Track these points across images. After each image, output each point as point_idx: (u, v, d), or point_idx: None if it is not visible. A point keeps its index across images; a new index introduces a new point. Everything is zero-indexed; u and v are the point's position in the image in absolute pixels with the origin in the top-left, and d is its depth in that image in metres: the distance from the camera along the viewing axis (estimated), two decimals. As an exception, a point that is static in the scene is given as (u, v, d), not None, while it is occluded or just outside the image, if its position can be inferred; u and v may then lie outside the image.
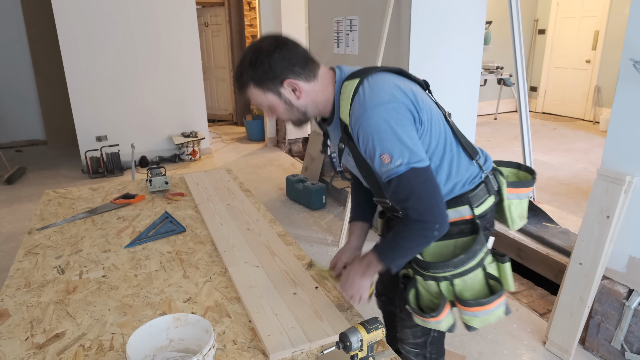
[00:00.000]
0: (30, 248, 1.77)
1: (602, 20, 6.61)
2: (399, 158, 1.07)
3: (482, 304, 1.18)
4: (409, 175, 1.08)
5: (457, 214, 1.24)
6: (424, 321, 1.26)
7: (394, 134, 1.08)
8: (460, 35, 3.02)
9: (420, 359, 1.47)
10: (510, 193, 1.31)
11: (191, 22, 5.31)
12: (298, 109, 1.20)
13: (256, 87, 1.16)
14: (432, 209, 1.11)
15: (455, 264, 1.19)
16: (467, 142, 1.28)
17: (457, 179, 1.24)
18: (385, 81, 1.15)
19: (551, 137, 6.16)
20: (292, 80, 1.15)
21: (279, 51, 1.13)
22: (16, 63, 6.03)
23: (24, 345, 1.22)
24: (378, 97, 1.11)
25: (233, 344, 1.21)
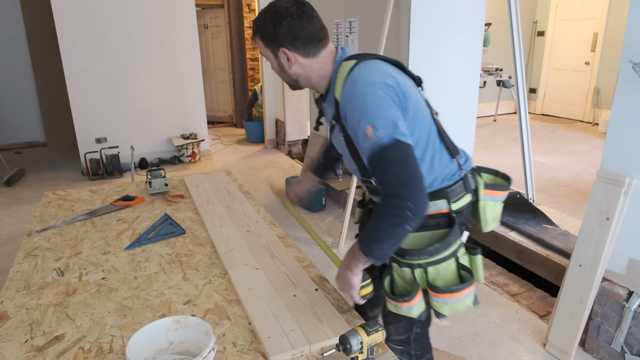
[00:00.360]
0: (29, 250, 1.77)
1: (601, 22, 6.62)
2: (383, 129, 1.09)
3: (452, 291, 1.23)
4: (391, 146, 1.09)
5: (436, 207, 1.29)
6: (397, 306, 1.28)
7: (380, 107, 1.12)
8: (459, 36, 3.02)
9: (405, 356, 1.50)
10: (486, 194, 1.35)
11: (191, 24, 5.32)
12: (289, 75, 1.28)
13: (260, 39, 1.25)
14: (408, 186, 1.09)
15: (430, 252, 1.23)
16: (449, 141, 1.32)
17: (437, 174, 1.28)
18: (380, 67, 1.21)
19: (550, 138, 6.16)
20: (287, 51, 1.22)
21: (290, 20, 1.19)
22: (16, 64, 6.03)
23: (24, 347, 1.21)
24: (369, 77, 1.16)
25: (233, 346, 1.21)
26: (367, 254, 1.16)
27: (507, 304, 2.58)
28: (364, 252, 1.17)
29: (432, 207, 1.27)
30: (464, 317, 2.45)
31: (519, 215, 3.18)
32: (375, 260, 1.17)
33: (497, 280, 2.83)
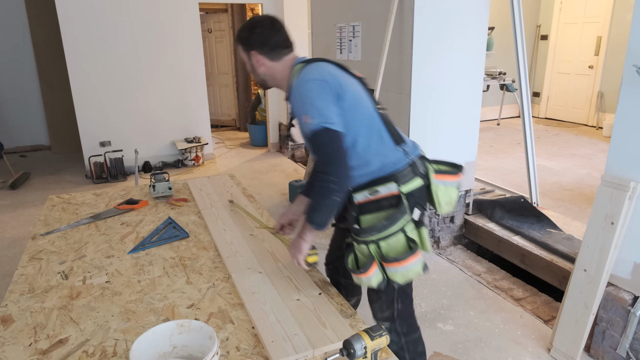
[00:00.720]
0: (34, 253, 1.77)
1: (605, 26, 6.62)
2: (315, 118, 1.34)
3: (399, 260, 1.40)
4: (321, 133, 1.34)
5: (387, 189, 1.46)
6: (358, 278, 1.45)
7: (315, 100, 1.37)
8: (462, 40, 3.02)
9: (393, 335, 1.61)
10: (437, 179, 1.54)
11: (194, 29, 5.34)
12: (258, 75, 1.58)
13: (239, 44, 1.57)
14: (332, 164, 1.35)
15: (379, 229, 1.41)
16: (394, 131, 1.53)
17: (384, 158, 1.48)
18: (321, 67, 1.46)
19: (554, 142, 6.15)
20: (256, 53, 1.53)
21: (261, 29, 1.51)
22: (21, 69, 6.07)
23: (28, 350, 1.22)
24: (309, 75, 1.42)
25: (236, 350, 1.21)
26: (310, 221, 1.41)
27: (511, 308, 2.57)
28: (307, 220, 1.42)
29: (384, 189, 1.46)
30: (468, 322, 2.44)
31: (523, 219, 3.17)
32: (316, 226, 1.41)
33: (501, 285, 2.82)
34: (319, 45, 4.12)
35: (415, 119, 2.99)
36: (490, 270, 3.00)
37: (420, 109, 3.00)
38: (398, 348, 1.62)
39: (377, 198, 1.47)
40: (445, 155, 3.18)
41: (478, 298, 2.68)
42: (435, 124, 3.08)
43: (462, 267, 3.05)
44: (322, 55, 4.07)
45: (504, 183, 4.15)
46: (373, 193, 1.47)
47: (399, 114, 3.07)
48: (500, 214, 3.24)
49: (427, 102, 3.01)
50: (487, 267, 3.06)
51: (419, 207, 1.49)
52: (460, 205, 3.36)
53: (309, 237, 1.45)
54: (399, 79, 3.03)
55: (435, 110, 3.06)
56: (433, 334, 2.35)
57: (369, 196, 1.47)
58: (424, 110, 3.01)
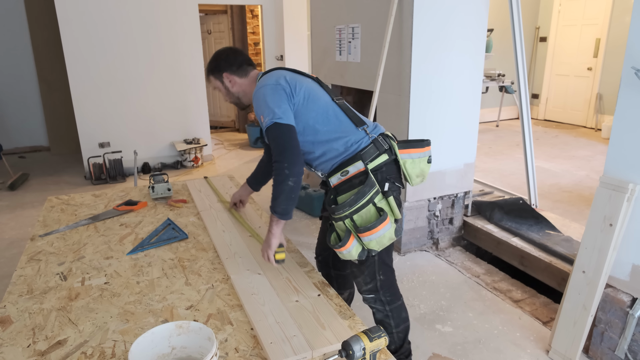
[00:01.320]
0: (32, 254, 1.77)
1: (604, 28, 6.63)
2: (267, 116, 1.55)
3: (370, 229, 1.49)
4: (272, 127, 1.54)
5: (355, 168, 1.60)
6: (340, 253, 1.55)
7: (267, 101, 1.57)
8: (462, 42, 3.03)
9: (378, 304, 1.76)
10: (402, 154, 1.65)
11: (194, 30, 5.35)
12: (233, 94, 1.81)
13: (210, 74, 1.81)
14: (284, 153, 1.52)
15: (350, 204, 1.51)
16: (353, 115, 1.69)
17: (347, 139, 1.62)
18: (275, 74, 1.68)
19: (553, 144, 6.16)
20: (227, 74, 1.77)
21: (226, 55, 1.79)
22: (20, 69, 6.07)
23: (26, 352, 1.21)
24: (264, 81, 1.65)
25: (235, 351, 1.21)
26: (273, 211, 1.56)
27: (510, 310, 2.57)
28: (271, 211, 1.57)
29: (352, 169, 1.60)
30: (467, 324, 2.44)
31: (522, 221, 3.17)
32: (279, 215, 1.55)
33: (500, 286, 2.82)
34: (318, 47, 4.13)
35: (414, 120, 2.99)
36: (489, 272, 3.01)
37: (420, 111, 3.00)
38: (383, 316, 1.78)
39: (348, 177, 1.61)
40: (445, 156, 3.20)
41: (477, 299, 2.68)
42: (434, 126, 3.08)
43: (461, 269, 3.05)
44: (321, 57, 4.08)
45: (502, 185, 4.15)
46: (344, 174, 1.61)
47: (398, 116, 3.07)
48: (499, 215, 3.24)
49: (426, 103, 3.02)
50: (486, 268, 3.06)
51: (390, 181, 1.60)
52: (459, 206, 3.36)
53: (276, 230, 1.57)
54: (398, 80, 3.04)
55: (435, 112, 3.07)
56: (432, 335, 2.35)
57: (341, 177, 1.62)
58: (423, 111, 3.01)
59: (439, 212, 3.30)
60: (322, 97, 1.69)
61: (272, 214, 1.57)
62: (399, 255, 3.22)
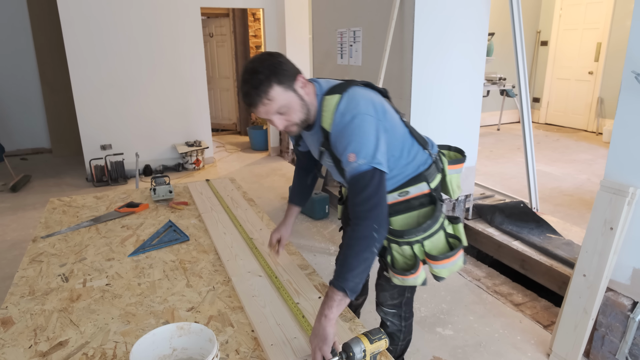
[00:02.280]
0: (34, 256, 1.78)
1: (605, 32, 6.64)
2: (363, 158, 1.24)
3: (448, 257, 1.45)
4: (368, 173, 1.24)
5: (418, 189, 1.49)
6: (403, 279, 1.48)
7: (363, 137, 1.26)
8: (463, 45, 3.04)
9: (396, 319, 1.72)
10: (450, 169, 1.60)
11: (196, 33, 5.37)
12: (307, 104, 1.33)
13: (279, 85, 1.25)
14: (377, 209, 1.23)
15: (424, 229, 1.44)
16: (419, 136, 1.53)
17: (415, 163, 1.49)
18: (361, 96, 1.35)
19: (554, 148, 6.16)
20: (301, 76, 1.32)
21: (284, 57, 1.31)
22: (23, 72, 6.10)
23: (28, 353, 1.22)
24: (355, 109, 1.30)
25: (236, 353, 1.21)
26: (343, 285, 1.17)
27: (511, 313, 2.57)
28: (339, 286, 1.17)
29: (415, 190, 1.49)
30: (468, 327, 2.44)
31: (523, 224, 3.17)
32: (350, 292, 1.17)
33: (501, 290, 2.82)
34: (320, 50, 4.14)
35: (415, 123, 3.00)
36: (489, 275, 3.00)
37: (421, 114, 3.01)
38: (396, 330, 1.74)
39: (407, 198, 1.49)
40: (445, 160, 3.20)
41: (477, 303, 2.68)
42: (435, 129, 3.09)
43: (461, 272, 3.05)
44: (322, 60, 4.09)
45: (503, 188, 4.15)
46: (403, 194, 1.48)
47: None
48: (500, 219, 3.24)
49: (428, 107, 3.02)
50: (486, 272, 3.06)
51: (441, 201, 1.54)
52: (460, 210, 3.36)
53: (334, 313, 1.15)
54: (400, 83, 3.04)
55: (436, 115, 3.07)
56: (432, 338, 2.35)
57: (398, 197, 1.49)
58: (424, 115, 3.02)
59: (439, 216, 3.30)
60: (398, 123, 1.44)
61: (335, 289, 1.17)
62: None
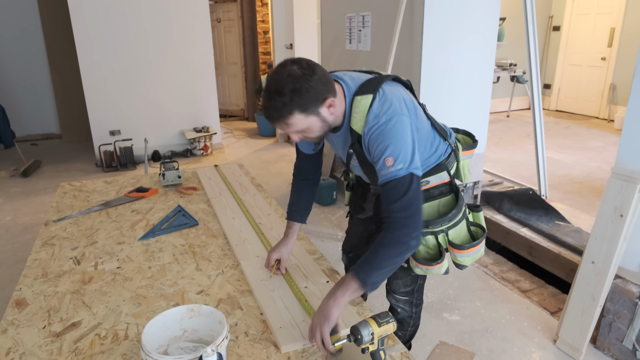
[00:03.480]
0: (46, 239, 1.81)
1: (619, 17, 6.51)
2: (401, 162, 1.19)
3: (473, 246, 1.46)
4: (406, 178, 1.19)
5: (438, 178, 1.49)
6: (428, 269, 1.46)
7: (400, 141, 1.20)
8: (473, 31, 3.00)
9: (407, 305, 1.72)
10: (463, 155, 1.61)
11: (204, 18, 5.34)
12: (329, 124, 1.27)
13: (300, 112, 1.17)
14: (416, 216, 1.21)
15: (450, 218, 1.45)
16: (440, 128, 1.50)
17: (437, 154, 1.49)
18: (393, 94, 1.27)
19: (565, 135, 6.09)
20: (331, 99, 1.22)
21: (315, 74, 1.17)
22: (32, 58, 6.12)
23: (42, 333, 1.25)
24: (388, 111, 1.23)
25: (245, 335, 1.23)
26: (365, 279, 1.16)
27: (518, 300, 2.57)
28: (361, 277, 1.16)
29: (435, 179, 1.48)
30: (474, 312, 2.45)
31: (532, 211, 3.16)
32: (370, 287, 1.17)
33: (508, 277, 2.82)
34: (328, 35, 4.10)
35: (424, 109, 2.98)
36: (497, 262, 3.00)
37: (430, 100, 2.98)
38: (406, 316, 1.74)
39: (427, 188, 1.48)
40: (454, 146, 3.18)
41: (485, 289, 2.68)
42: (444, 115, 3.04)
43: (469, 259, 3.05)
44: (331, 45, 4.05)
45: (512, 175, 4.12)
46: (423, 184, 1.46)
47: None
48: (509, 205, 3.23)
49: (437, 93, 3.00)
50: (494, 258, 3.06)
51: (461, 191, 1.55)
52: (468, 196, 3.35)
53: (346, 299, 1.16)
54: (409, 69, 3.02)
55: (445, 101, 3.05)
56: (439, 323, 2.36)
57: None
58: (433, 101, 2.99)
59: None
60: (423, 117, 1.40)
61: (355, 278, 1.17)
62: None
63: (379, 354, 1.08)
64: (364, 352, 1.07)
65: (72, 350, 1.18)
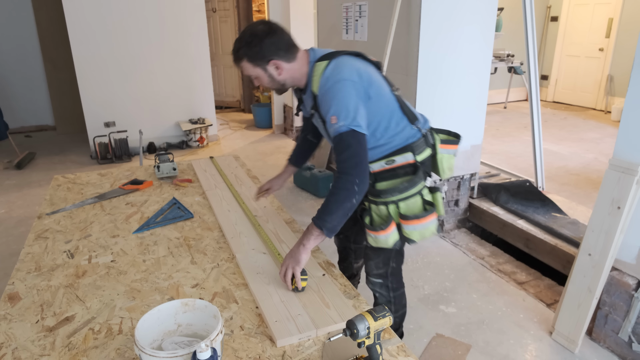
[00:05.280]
0: (40, 232, 1.79)
1: (617, 8, 6.47)
2: (343, 120, 1.37)
3: (418, 217, 1.53)
4: (348, 134, 1.37)
5: (404, 159, 1.58)
6: (376, 237, 1.56)
7: (343, 101, 1.39)
8: (471, 21, 2.97)
9: (384, 290, 1.78)
10: (442, 148, 1.66)
11: (199, 8, 5.27)
12: (278, 82, 1.53)
13: (248, 61, 1.48)
14: (358, 167, 1.38)
15: (401, 190, 1.53)
16: (409, 111, 1.60)
17: (403, 135, 1.58)
18: (347, 63, 1.47)
19: (561, 126, 6.09)
20: (276, 61, 1.47)
21: (269, 37, 1.45)
22: (25, 48, 6.04)
23: (35, 327, 1.23)
24: (339, 75, 1.43)
25: (240, 329, 1.22)
26: (321, 225, 1.37)
27: (514, 292, 2.57)
28: (318, 224, 1.38)
29: (400, 159, 1.57)
30: (471, 305, 2.46)
31: (528, 203, 3.15)
32: (327, 232, 1.38)
33: (505, 268, 2.82)
34: (325, 25, 4.06)
35: (421, 100, 2.95)
36: (493, 254, 3.01)
37: (427, 91, 2.96)
38: (385, 301, 1.81)
39: (393, 167, 1.58)
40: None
41: (481, 281, 2.68)
42: (441, 106, 3.05)
43: (465, 251, 3.05)
44: (327, 35, 4.02)
45: (509, 167, 4.12)
46: (389, 162, 1.58)
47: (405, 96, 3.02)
48: (505, 197, 3.23)
49: (434, 84, 2.97)
50: (490, 250, 3.06)
51: (429, 175, 1.65)
52: (465, 188, 3.35)
53: (312, 244, 1.39)
54: (406, 60, 2.99)
55: (442, 93, 3.02)
56: (435, 316, 2.37)
57: (385, 165, 1.58)
58: (430, 92, 2.97)
59: (444, 194, 3.29)
60: (387, 93, 1.56)
61: (315, 227, 1.39)
62: (403, 237, 3.22)
63: (375, 348, 1.07)
64: (360, 347, 1.06)
65: (66, 345, 1.16)
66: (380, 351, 1.08)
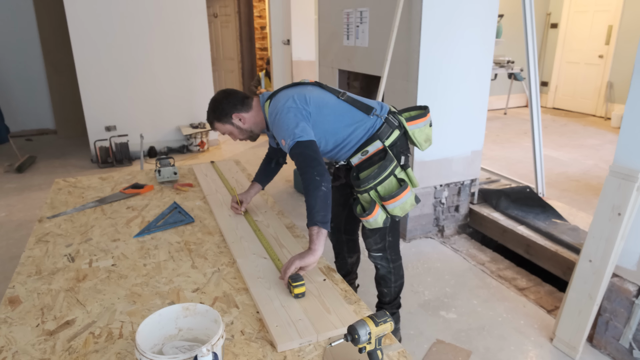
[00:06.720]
0: (40, 236, 1.79)
1: (616, 15, 6.51)
2: (288, 139, 1.61)
3: (394, 196, 1.69)
4: (295, 146, 1.59)
5: (374, 147, 1.75)
6: (366, 221, 1.74)
7: (284, 126, 1.64)
8: (471, 28, 2.98)
9: (384, 262, 1.99)
10: (410, 125, 1.81)
11: (200, 13, 5.30)
12: (246, 130, 1.88)
13: (217, 122, 1.87)
14: (311, 163, 1.55)
15: (374, 177, 1.69)
16: (361, 105, 1.79)
17: (362, 129, 1.77)
18: (283, 95, 1.75)
19: (561, 133, 6.10)
20: (237, 114, 1.83)
21: (227, 98, 1.84)
22: (26, 52, 6.06)
23: (35, 331, 1.23)
24: (277, 107, 1.71)
25: (241, 334, 1.22)
26: (314, 222, 1.49)
27: (515, 298, 2.57)
28: (311, 223, 1.50)
29: (372, 148, 1.75)
30: (471, 310, 2.45)
31: (528, 209, 3.15)
32: (321, 224, 1.49)
33: (505, 274, 2.82)
34: (326, 31, 4.08)
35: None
36: (494, 260, 3.00)
37: (427, 97, 2.97)
38: (386, 272, 2.02)
39: (368, 156, 1.75)
40: (452, 143, 3.17)
41: (481, 287, 2.68)
42: (442, 112, 3.05)
43: (466, 256, 3.05)
44: (328, 41, 4.04)
45: (509, 173, 4.12)
46: (364, 154, 1.76)
47: (405, 102, 3.05)
48: (506, 203, 3.23)
49: (434, 90, 2.98)
50: (491, 256, 3.06)
51: (403, 154, 1.78)
52: (465, 194, 3.35)
53: (320, 243, 1.48)
54: (406, 66, 3.00)
55: (443, 98, 3.03)
56: (436, 321, 2.36)
57: (362, 157, 1.76)
58: (431, 98, 2.98)
59: (445, 200, 3.29)
60: (330, 100, 1.78)
61: (311, 227, 1.50)
62: (404, 242, 3.22)
63: (376, 354, 1.07)
64: (361, 352, 1.06)
65: (66, 349, 1.16)
66: (381, 357, 1.08)
